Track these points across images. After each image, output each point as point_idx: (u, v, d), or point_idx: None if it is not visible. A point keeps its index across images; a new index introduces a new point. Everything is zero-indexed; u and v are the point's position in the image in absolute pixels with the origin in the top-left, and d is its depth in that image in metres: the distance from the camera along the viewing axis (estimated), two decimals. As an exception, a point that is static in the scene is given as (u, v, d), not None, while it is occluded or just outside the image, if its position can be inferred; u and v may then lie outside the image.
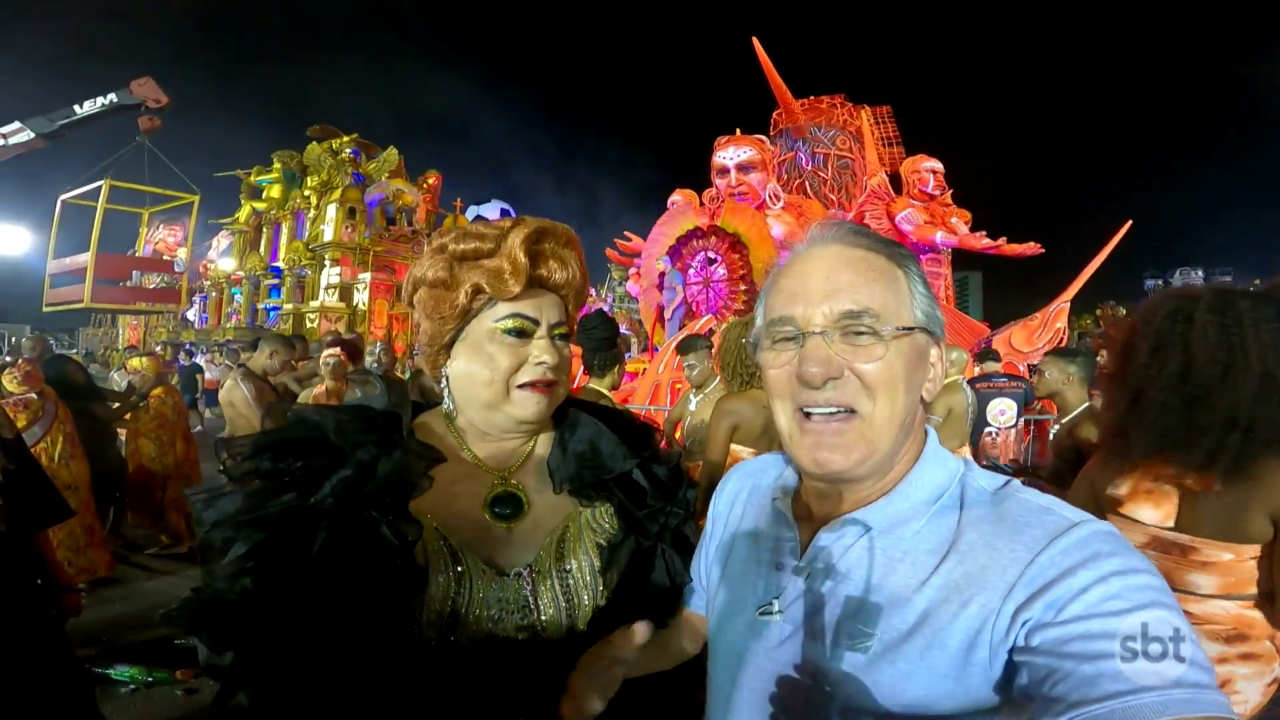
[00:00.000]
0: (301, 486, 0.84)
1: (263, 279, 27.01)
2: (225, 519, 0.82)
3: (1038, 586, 0.59)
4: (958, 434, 4.99)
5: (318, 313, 23.19)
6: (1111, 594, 0.56)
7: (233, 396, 4.16)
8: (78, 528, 4.37)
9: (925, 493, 0.72)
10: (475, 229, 0.96)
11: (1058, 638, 0.56)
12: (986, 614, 0.61)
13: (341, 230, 23.77)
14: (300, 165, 26.64)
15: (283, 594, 0.78)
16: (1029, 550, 0.62)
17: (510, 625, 0.88)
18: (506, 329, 0.94)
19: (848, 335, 0.70)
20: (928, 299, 0.75)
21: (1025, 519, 0.66)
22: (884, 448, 0.70)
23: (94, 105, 20.28)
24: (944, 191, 12.87)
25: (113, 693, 3.21)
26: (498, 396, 0.94)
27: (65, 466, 4.42)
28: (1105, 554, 0.59)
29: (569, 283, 0.99)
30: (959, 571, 0.65)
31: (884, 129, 15.02)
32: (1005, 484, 0.72)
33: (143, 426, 5.64)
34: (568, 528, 0.97)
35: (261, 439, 0.88)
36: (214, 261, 30.39)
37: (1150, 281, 33.37)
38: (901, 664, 0.64)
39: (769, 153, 12.07)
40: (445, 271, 0.95)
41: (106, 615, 4.07)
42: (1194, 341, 1.50)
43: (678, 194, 12.55)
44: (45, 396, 4.52)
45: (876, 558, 0.70)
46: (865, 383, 0.69)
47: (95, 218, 21.07)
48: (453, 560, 0.89)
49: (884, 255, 0.73)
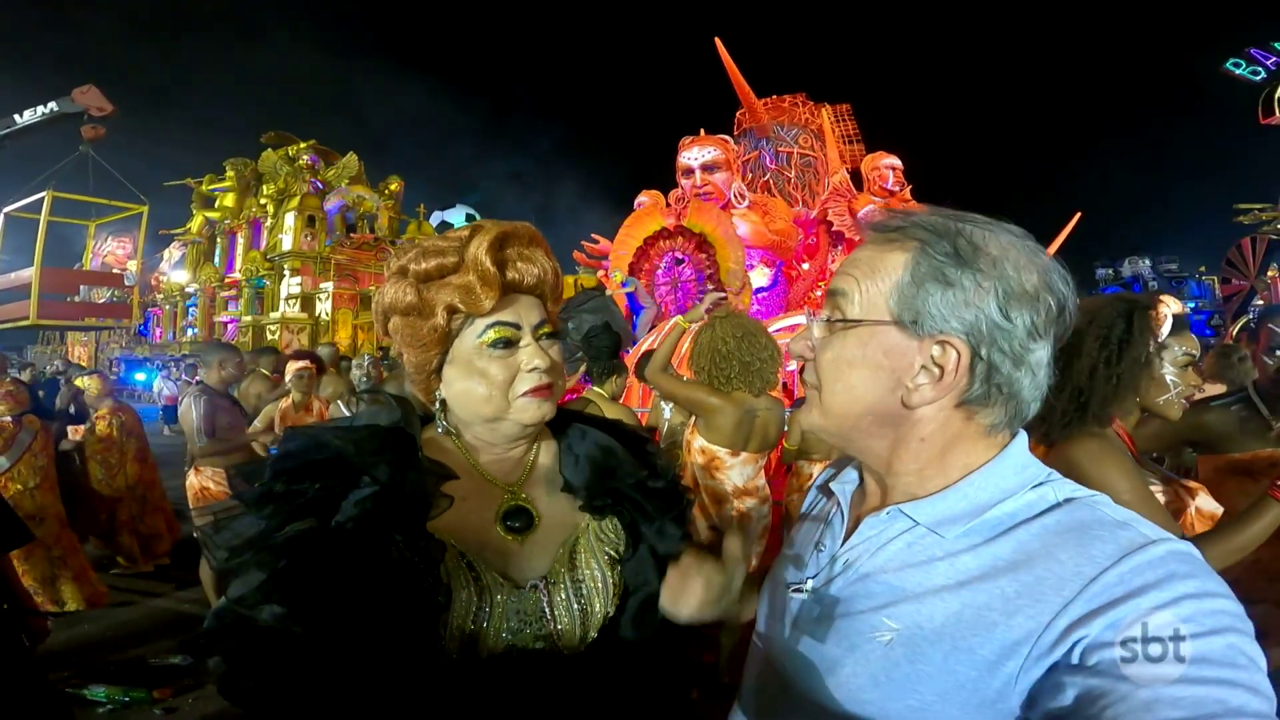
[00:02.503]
0: (320, 509, 0.83)
1: (218, 291, 26.27)
2: (243, 543, 0.81)
3: (1100, 604, 0.56)
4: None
5: (279, 324, 22.64)
6: (1184, 617, 0.54)
7: (187, 414, 4.06)
8: (44, 560, 4.23)
9: (985, 495, 0.69)
10: (433, 245, 0.94)
11: (1118, 657, 0.54)
12: (1034, 626, 0.58)
13: (301, 239, 23.27)
14: (255, 173, 26.00)
15: (309, 618, 0.77)
16: (1095, 565, 0.59)
17: (529, 636, 0.90)
18: (491, 342, 0.93)
19: (823, 321, 0.76)
20: (916, 287, 0.69)
21: (1097, 531, 0.62)
22: (835, 418, 0.75)
23: (34, 114, 19.56)
24: (903, 188, 13.15)
25: (89, 714, 3.16)
26: (500, 409, 0.94)
27: (30, 496, 4.26)
28: (1181, 575, 0.57)
29: (541, 281, 0.98)
30: (1009, 580, 0.62)
31: (844, 127, 15.29)
32: (1086, 495, 0.68)
33: (89, 449, 5.42)
34: (578, 538, 0.99)
35: (279, 462, 0.87)
36: (166, 274, 29.43)
37: (1101, 270, 34.50)
38: (921, 664, 0.63)
39: (733, 152, 12.19)
40: (414, 296, 0.93)
41: (76, 637, 4.01)
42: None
43: (644, 195, 12.60)
44: (25, 424, 4.35)
45: (917, 553, 0.69)
46: (817, 366, 0.76)
47: (38, 231, 20.24)
48: (473, 576, 0.89)
49: (895, 243, 0.72)
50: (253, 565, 0.80)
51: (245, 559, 0.80)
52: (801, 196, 13.99)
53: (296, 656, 0.77)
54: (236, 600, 0.79)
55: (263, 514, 0.82)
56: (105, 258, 27.19)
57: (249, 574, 0.79)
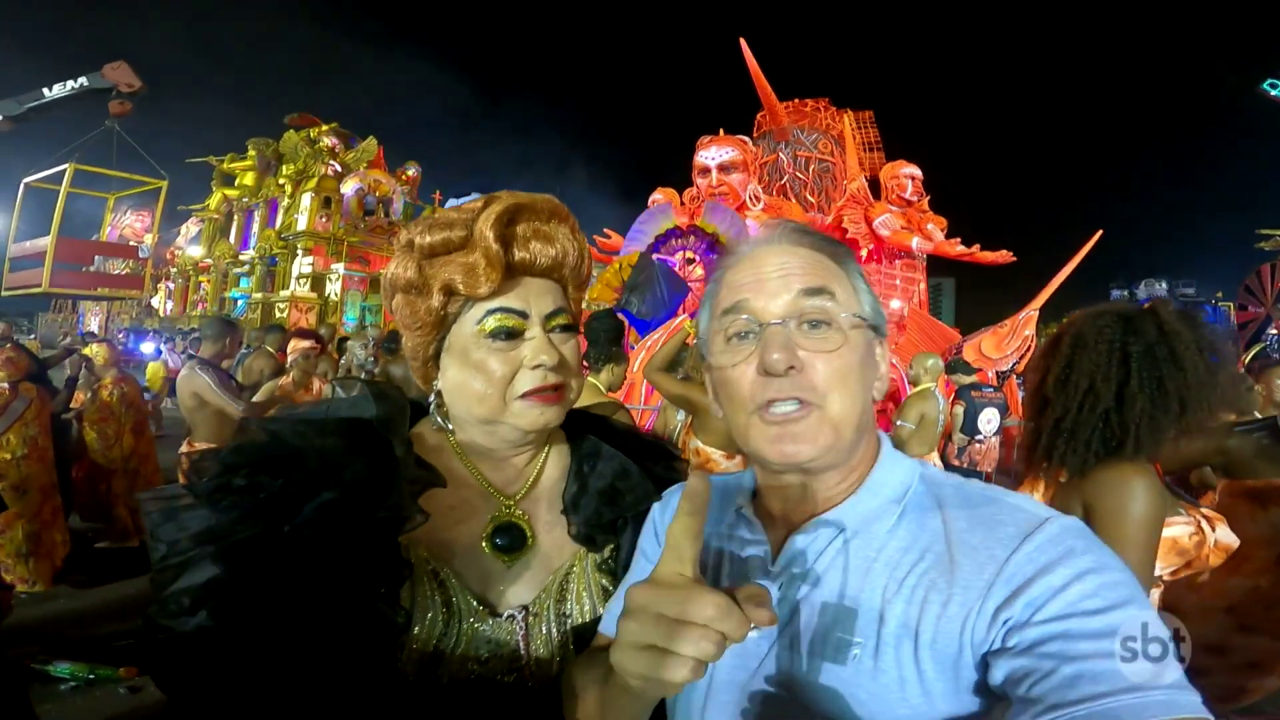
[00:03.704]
0: (277, 509, 0.73)
1: (231, 267, 26.48)
2: (185, 537, 0.72)
3: (1017, 585, 0.59)
4: (928, 441, 4.99)
5: (288, 302, 22.77)
6: (1088, 592, 0.57)
7: (194, 385, 4.00)
8: (20, 533, 4.18)
9: (891, 490, 0.70)
10: (444, 217, 0.84)
11: (1037, 637, 0.56)
12: (966, 613, 0.60)
13: (316, 220, 23.38)
14: (276, 153, 26.16)
15: (244, 633, 0.69)
16: (1004, 548, 0.61)
17: (498, 667, 0.80)
18: (491, 330, 0.81)
19: (804, 326, 0.69)
20: (871, 296, 0.74)
21: (997, 515, 0.65)
22: (846, 435, 0.68)
23: (64, 89, 19.67)
24: (921, 198, 13.01)
25: (53, 690, 3.11)
26: (494, 411, 0.82)
27: (16, 467, 4.23)
28: (1080, 550, 0.60)
29: (560, 263, 0.85)
30: (936, 570, 0.63)
31: (865, 134, 15.15)
32: (967, 480, 0.72)
33: (89, 416, 5.41)
34: (574, 567, 0.88)
35: (232, 456, 0.77)
36: (182, 248, 29.68)
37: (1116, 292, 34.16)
38: (894, 672, 0.61)
39: (751, 154, 12.09)
40: (414, 272, 0.83)
41: (50, 612, 3.96)
42: (1054, 362, 1.56)
43: (659, 192, 12.52)
44: (20, 392, 4.31)
45: (852, 560, 0.67)
46: (823, 375, 0.67)
47: (57, 201, 20.42)
48: (443, 599, 0.80)
49: (828, 253, 0.73)
50: (189, 567, 0.71)
51: (182, 559, 0.72)
52: (817, 201, 13.86)
53: (220, 671, 0.69)
54: (159, 606, 0.70)
55: (217, 508, 0.73)
56: (124, 230, 27.46)
57: (182, 577, 0.71)
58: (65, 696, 3.10)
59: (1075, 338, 1.54)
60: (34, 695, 2.76)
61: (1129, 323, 1.49)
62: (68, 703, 3.06)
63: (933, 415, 4.94)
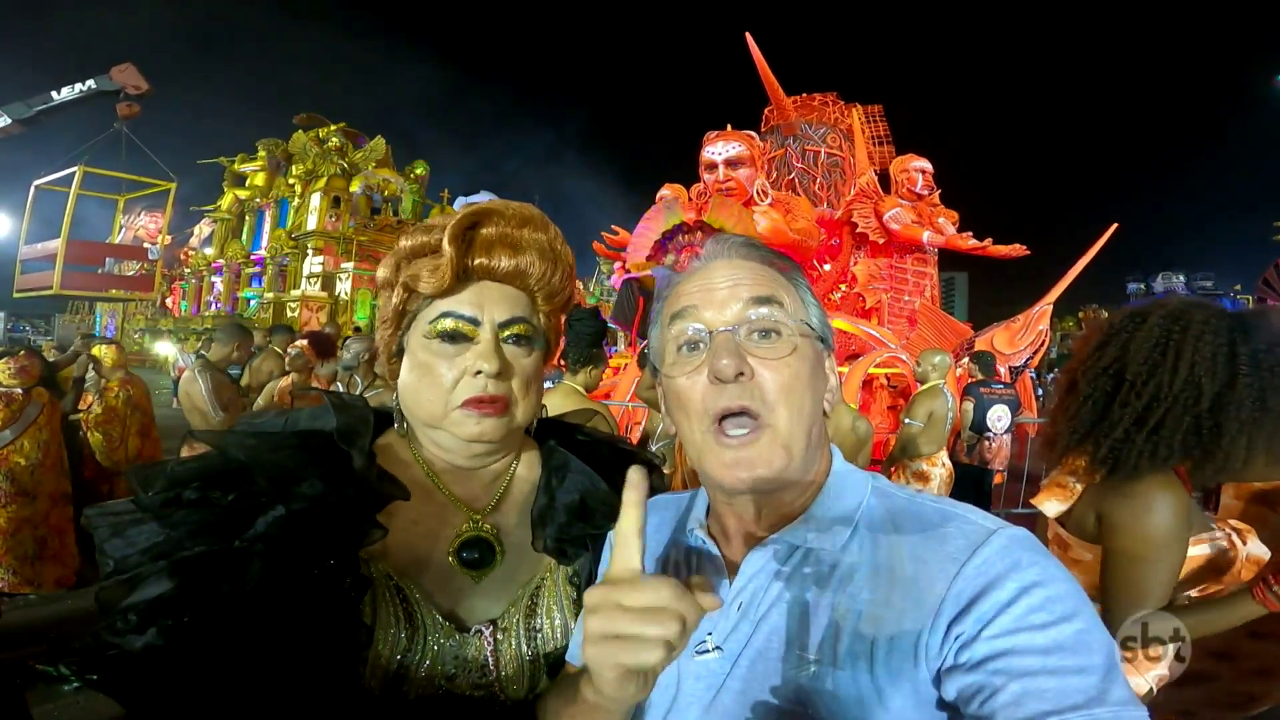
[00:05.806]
0: (231, 523, 0.72)
1: (244, 267, 26.69)
2: (134, 553, 0.70)
3: (966, 599, 0.59)
4: (936, 439, 4.89)
5: (299, 302, 22.94)
6: (1034, 606, 0.57)
7: (190, 389, 4.03)
8: (29, 538, 4.19)
9: (845, 505, 0.71)
10: (430, 222, 0.85)
11: (986, 654, 0.56)
12: (920, 629, 0.61)
13: (325, 219, 23.52)
14: (285, 154, 26.33)
15: (196, 651, 0.67)
16: (955, 562, 0.62)
17: (466, 684, 0.79)
18: (439, 331, 0.80)
19: (753, 335, 0.69)
20: (819, 309, 0.76)
21: (945, 528, 0.66)
22: (798, 453, 0.68)
23: (72, 91, 19.91)
24: (932, 191, 12.85)
25: (55, 691, 3.08)
26: (435, 416, 0.81)
27: (30, 473, 4.23)
28: (1026, 564, 0.60)
29: (523, 271, 0.84)
30: (889, 586, 0.64)
31: (874, 128, 14.99)
32: (919, 494, 0.73)
33: (93, 418, 5.40)
34: (544, 581, 0.86)
35: (180, 470, 0.75)
36: (195, 249, 29.98)
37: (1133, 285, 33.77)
38: (852, 688, 0.61)
39: (759, 149, 11.98)
40: (393, 270, 0.85)
41: (57, 613, 3.95)
42: (1135, 339, 1.44)
43: (667, 188, 12.45)
44: (32, 398, 4.32)
45: (809, 577, 0.68)
46: (772, 383, 0.68)
47: (67, 203, 20.64)
48: (406, 614, 0.78)
49: (777, 266, 0.75)
50: (138, 584, 0.69)
51: (130, 575, 0.69)
52: (826, 196, 13.74)
53: (171, 690, 0.66)
54: (107, 622, 0.68)
55: (166, 523, 0.71)
56: (138, 231, 27.75)
57: (132, 594, 0.69)
58: (68, 697, 3.11)
59: (1173, 318, 1.39)
60: (36, 696, 2.76)
61: (1240, 320, 1.37)
62: (70, 703, 3.08)
63: (941, 413, 4.84)
